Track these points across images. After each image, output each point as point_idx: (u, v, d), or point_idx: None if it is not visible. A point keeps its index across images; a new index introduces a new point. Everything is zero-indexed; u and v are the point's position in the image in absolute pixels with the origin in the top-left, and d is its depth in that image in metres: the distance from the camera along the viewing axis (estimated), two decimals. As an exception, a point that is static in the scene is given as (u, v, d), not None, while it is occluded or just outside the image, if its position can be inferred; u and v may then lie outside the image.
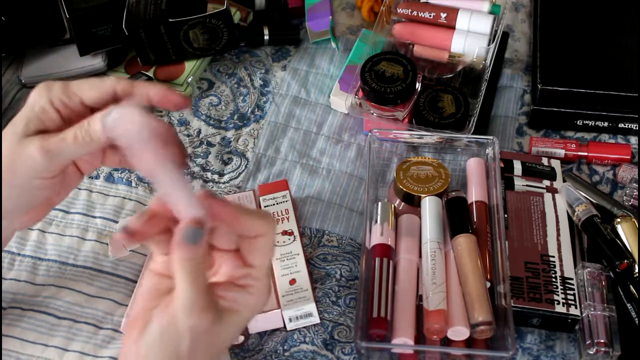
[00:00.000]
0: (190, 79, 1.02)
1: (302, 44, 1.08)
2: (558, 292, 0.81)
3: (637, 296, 0.80)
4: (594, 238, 0.84)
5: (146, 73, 1.01)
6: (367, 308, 0.78)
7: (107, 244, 0.88)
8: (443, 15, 0.97)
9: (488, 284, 0.79)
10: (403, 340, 0.75)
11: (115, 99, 0.66)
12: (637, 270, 0.81)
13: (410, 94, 0.93)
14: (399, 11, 1.00)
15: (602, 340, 0.77)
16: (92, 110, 0.66)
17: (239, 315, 0.59)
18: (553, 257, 0.84)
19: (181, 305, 0.57)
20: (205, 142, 0.98)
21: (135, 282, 0.85)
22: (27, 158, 0.64)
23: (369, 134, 0.90)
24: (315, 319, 0.82)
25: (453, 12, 0.97)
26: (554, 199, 0.89)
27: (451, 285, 0.79)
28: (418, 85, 0.94)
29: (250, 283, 0.59)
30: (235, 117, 1.00)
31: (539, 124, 0.99)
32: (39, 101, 0.65)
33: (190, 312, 0.56)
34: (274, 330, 0.82)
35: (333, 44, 1.06)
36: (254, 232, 0.59)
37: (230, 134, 0.99)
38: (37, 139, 0.64)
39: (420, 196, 0.85)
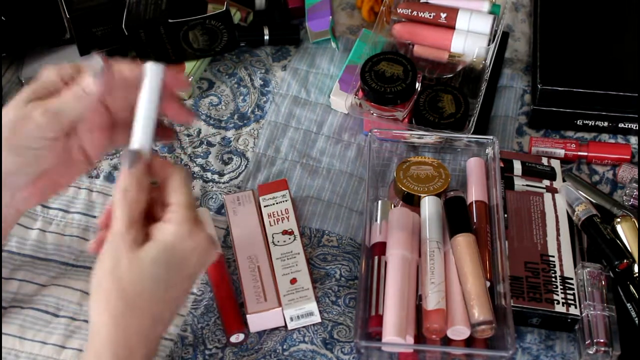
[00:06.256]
0: (190, 79, 1.02)
1: (302, 44, 1.08)
2: (558, 291, 0.81)
3: (637, 296, 0.80)
4: (593, 238, 0.84)
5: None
6: (366, 307, 0.78)
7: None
8: (443, 15, 0.97)
9: (488, 284, 0.79)
10: (392, 339, 0.75)
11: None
12: (637, 270, 0.81)
13: (410, 94, 0.93)
14: (399, 11, 1.00)
15: (602, 340, 0.77)
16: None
17: (158, 242, 0.65)
18: (553, 256, 0.84)
19: (112, 233, 0.65)
20: (205, 142, 0.98)
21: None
22: (28, 119, 0.67)
23: (369, 134, 0.90)
24: (317, 318, 0.82)
25: (453, 12, 0.97)
26: (553, 198, 0.89)
27: (451, 285, 0.79)
28: (418, 85, 0.94)
29: (168, 216, 0.66)
30: (236, 116, 1.00)
31: (539, 123, 0.99)
32: (48, 75, 0.69)
33: (110, 233, 0.65)
34: (273, 330, 0.82)
35: (333, 44, 1.06)
36: (162, 175, 0.68)
37: (230, 133, 0.99)
38: (39, 102, 0.68)
39: (420, 196, 0.85)
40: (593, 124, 0.97)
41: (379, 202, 0.86)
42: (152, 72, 0.69)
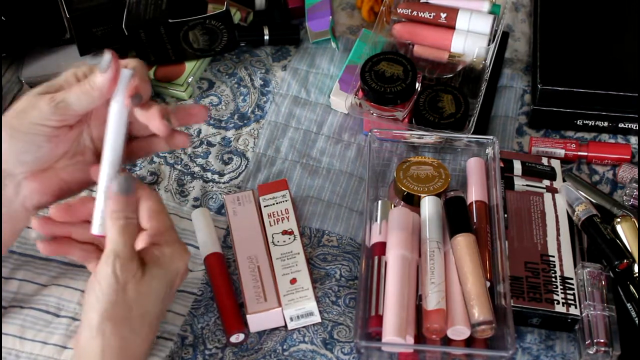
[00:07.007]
0: (190, 79, 1.02)
1: (302, 44, 1.08)
2: (558, 291, 0.81)
3: (637, 296, 0.80)
4: (593, 238, 0.84)
5: (146, 73, 1.00)
6: (366, 307, 0.78)
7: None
8: (443, 15, 0.97)
9: (488, 284, 0.79)
10: (392, 339, 0.75)
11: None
12: (637, 270, 0.81)
13: (410, 94, 0.93)
14: (399, 11, 1.00)
15: (602, 340, 0.77)
16: None
17: (160, 266, 0.69)
18: (553, 256, 0.84)
19: (107, 254, 0.67)
20: (205, 142, 0.98)
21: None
22: (35, 107, 0.70)
23: (369, 134, 0.90)
24: (317, 318, 0.82)
25: (453, 12, 0.97)
26: (553, 198, 0.89)
27: (451, 285, 0.80)
28: (418, 85, 0.94)
29: (158, 239, 0.70)
30: (236, 117, 1.00)
31: (539, 123, 0.99)
32: (65, 74, 0.73)
33: (116, 260, 0.67)
34: (273, 330, 0.82)
35: (333, 44, 1.06)
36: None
37: (230, 133, 0.99)
38: (48, 94, 0.71)
39: (420, 196, 0.85)
40: (593, 124, 0.97)
41: (379, 202, 0.86)
42: (121, 79, 0.71)
